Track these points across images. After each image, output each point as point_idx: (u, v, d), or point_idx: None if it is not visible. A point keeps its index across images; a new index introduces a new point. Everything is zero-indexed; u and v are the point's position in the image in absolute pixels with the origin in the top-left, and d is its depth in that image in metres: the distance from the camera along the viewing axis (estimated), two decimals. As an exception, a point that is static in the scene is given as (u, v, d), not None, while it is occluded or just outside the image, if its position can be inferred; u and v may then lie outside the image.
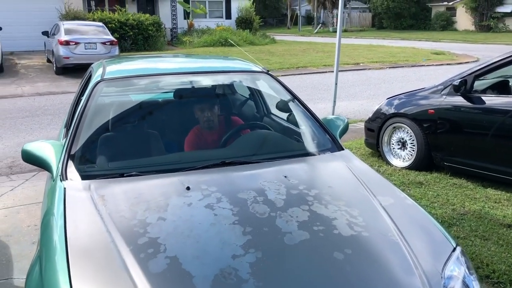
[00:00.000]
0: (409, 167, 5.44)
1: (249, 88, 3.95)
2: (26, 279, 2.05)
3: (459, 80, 4.91)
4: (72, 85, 12.26)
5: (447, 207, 4.31)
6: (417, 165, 5.39)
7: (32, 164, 2.71)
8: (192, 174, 2.48)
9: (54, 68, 14.59)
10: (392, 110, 5.68)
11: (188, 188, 2.31)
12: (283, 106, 3.41)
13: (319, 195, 2.31)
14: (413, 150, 5.45)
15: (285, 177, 2.47)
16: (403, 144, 5.60)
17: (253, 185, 2.37)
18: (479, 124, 4.80)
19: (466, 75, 4.95)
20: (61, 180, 2.43)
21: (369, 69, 16.11)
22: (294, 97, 3.28)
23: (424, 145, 5.28)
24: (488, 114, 4.75)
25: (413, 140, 5.43)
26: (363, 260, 1.88)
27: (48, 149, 2.69)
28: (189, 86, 3.38)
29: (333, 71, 8.29)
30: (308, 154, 2.83)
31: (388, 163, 5.67)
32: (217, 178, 2.44)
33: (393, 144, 5.71)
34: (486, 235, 3.75)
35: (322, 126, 3.06)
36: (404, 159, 5.60)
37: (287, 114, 3.34)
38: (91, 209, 2.16)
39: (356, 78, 14.09)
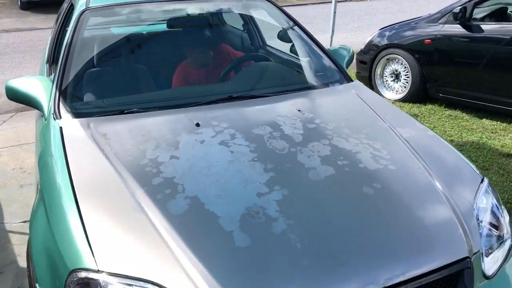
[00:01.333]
0: (403, 99, 5.35)
1: (242, 17, 3.68)
2: (30, 226, 1.90)
3: (459, 7, 4.72)
4: (41, 21, 11.52)
5: (445, 139, 4.25)
6: (411, 97, 5.30)
7: (19, 102, 2.47)
8: (198, 110, 2.30)
9: (19, 2, 13.64)
10: (386, 41, 5.49)
11: (197, 125, 2.14)
12: (285, 36, 3.18)
13: (337, 128, 2.18)
14: (407, 82, 5.34)
15: (299, 111, 2.31)
16: (396, 76, 5.47)
17: (267, 120, 2.21)
18: (477, 53, 4.67)
19: (466, 2, 4.76)
20: (54, 119, 2.22)
21: (351, 0, 15.62)
22: (298, 25, 3.06)
23: (419, 77, 5.16)
24: (487, 43, 4.62)
25: (407, 72, 5.30)
26: (394, 194, 1.79)
27: (37, 86, 2.44)
28: (184, 14, 3.10)
29: (313, 3, 7.94)
30: (318, 86, 2.66)
31: (381, 96, 5.57)
32: (227, 114, 2.27)
33: (386, 76, 5.57)
34: (486, 165, 3.74)
35: (330, 57, 2.88)
36: (397, 91, 5.49)
37: (290, 44, 3.13)
38: (94, 148, 1.98)
39: (338, 10, 13.64)
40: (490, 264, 1.70)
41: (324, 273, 1.46)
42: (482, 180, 1.98)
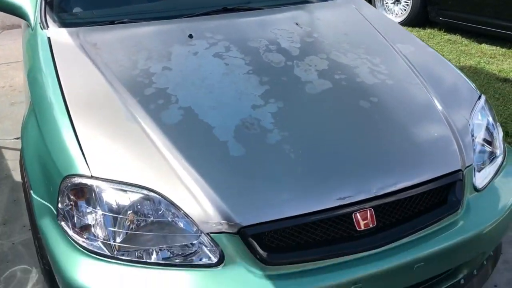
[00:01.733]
0: (402, 23, 5.20)
1: None
2: (22, 136, 1.88)
3: None
4: None
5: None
6: (411, 21, 5.15)
7: (4, 11, 2.34)
8: (191, 22, 2.20)
9: None
10: (388, -40, 5.25)
11: (190, 36, 2.06)
12: None
13: (336, 43, 2.11)
14: (407, 5, 5.17)
15: (297, 24, 2.23)
16: (397, -1, 5.29)
17: (263, 33, 2.13)
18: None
19: None
20: (42, 28, 2.12)
21: None
22: None
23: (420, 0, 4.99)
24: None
25: (408, -6, 5.12)
26: (391, 108, 1.77)
27: (22, -7, 2.31)
28: None
29: None
30: (315, 0, 2.55)
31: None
32: (221, 26, 2.18)
33: (386, -2, 5.38)
34: (483, 89, 3.71)
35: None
36: (397, 14, 5.33)
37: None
38: (83, 58, 1.91)
39: None
40: (481, 179, 1.72)
41: (317, 181, 1.47)
42: (479, 97, 1.96)
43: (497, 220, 1.64)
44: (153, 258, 1.40)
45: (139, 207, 1.43)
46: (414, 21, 5.13)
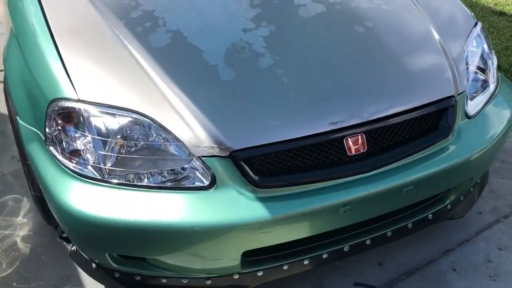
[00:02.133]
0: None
1: None
2: (4, 62, 1.81)
3: None
4: None
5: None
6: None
7: None
8: None
9: None
10: None
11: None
12: None
13: (329, -35, 2.02)
14: None
15: None
16: None
17: None
18: None
19: None
20: None
21: None
22: None
23: None
24: None
25: None
26: (385, 33, 1.72)
27: None
28: None
29: None
30: None
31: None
32: None
33: None
34: (477, 22, 3.64)
35: None
36: None
37: None
38: (65, -21, 1.81)
39: None
40: (473, 106, 1.72)
41: (309, 106, 1.45)
42: (476, 24, 1.91)
43: (486, 147, 1.65)
44: (145, 182, 1.40)
45: (128, 131, 1.41)
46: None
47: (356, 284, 1.83)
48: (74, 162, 1.42)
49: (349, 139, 1.45)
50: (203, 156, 1.37)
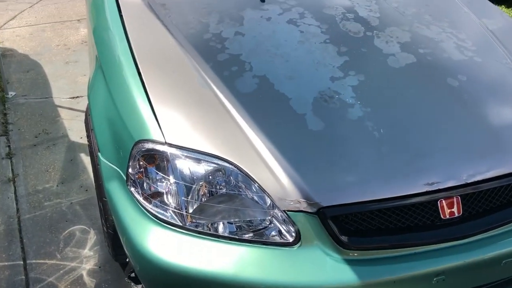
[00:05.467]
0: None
1: None
2: (89, 96, 1.84)
3: None
4: None
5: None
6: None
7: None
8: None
9: None
10: None
11: (262, 0, 1.95)
12: None
13: (417, 14, 1.96)
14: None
15: (374, -9, 2.08)
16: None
17: (338, 1, 2.00)
18: None
19: None
20: (108, -14, 2.05)
21: None
22: None
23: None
24: None
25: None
26: (481, 88, 1.62)
27: None
28: None
29: None
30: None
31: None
32: (294, -10, 2.06)
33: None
34: None
35: None
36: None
37: None
38: (153, 18, 1.84)
39: None
40: None
41: (403, 163, 1.36)
42: None
43: None
44: (225, 232, 1.35)
45: (213, 178, 1.37)
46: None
47: None
48: (154, 205, 1.39)
49: (443, 201, 1.35)
50: (288, 210, 1.31)
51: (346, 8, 1.94)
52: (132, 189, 1.43)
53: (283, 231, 1.32)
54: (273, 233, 1.33)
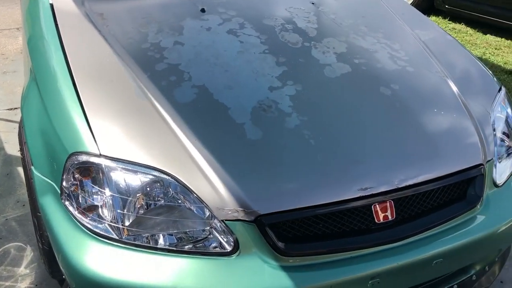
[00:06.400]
0: (407, 9, 5.11)
1: None
2: (22, 108, 1.78)
3: None
4: None
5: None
6: (416, 6, 5.05)
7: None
8: (203, -5, 2.09)
9: None
10: None
11: (203, 10, 1.96)
12: None
13: (354, 25, 2.03)
14: (414, -10, 5.07)
15: (313, 4, 2.14)
16: (403, -17, 5.18)
17: (278, 12, 2.04)
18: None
19: None
20: (43, -6, 1.99)
21: None
22: None
23: (427, -15, 4.89)
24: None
25: (415, -21, 5.01)
26: (412, 97, 1.70)
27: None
28: None
29: None
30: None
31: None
32: (234, 1, 2.07)
33: (392, -18, 5.27)
34: (488, 81, 3.66)
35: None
36: None
37: None
38: (90, 28, 1.80)
39: None
40: (500, 173, 1.67)
41: (338, 170, 1.40)
42: (500, 89, 1.90)
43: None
44: (163, 244, 1.33)
45: (150, 189, 1.35)
46: (419, 7, 5.02)
47: None
48: (90, 219, 1.36)
49: (377, 205, 1.39)
50: (226, 220, 1.31)
51: (285, 19, 1.98)
52: (67, 203, 1.39)
53: (222, 241, 1.32)
54: (214, 244, 1.33)
